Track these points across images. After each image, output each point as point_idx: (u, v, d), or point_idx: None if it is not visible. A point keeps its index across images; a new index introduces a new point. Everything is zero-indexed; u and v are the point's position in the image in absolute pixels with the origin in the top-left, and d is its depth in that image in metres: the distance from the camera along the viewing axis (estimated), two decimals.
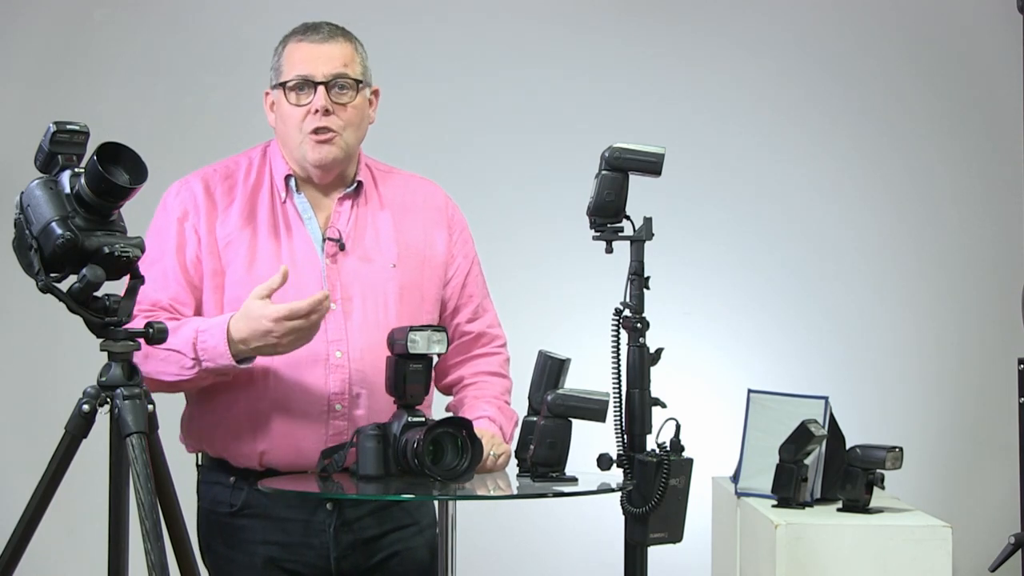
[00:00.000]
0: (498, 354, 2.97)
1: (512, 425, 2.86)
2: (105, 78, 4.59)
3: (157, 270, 2.75)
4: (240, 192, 2.84)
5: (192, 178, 2.86)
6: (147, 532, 2.31)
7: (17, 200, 2.42)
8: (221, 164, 2.89)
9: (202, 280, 2.78)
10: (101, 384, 2.42)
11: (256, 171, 2.87)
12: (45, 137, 2.41)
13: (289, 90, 2.80)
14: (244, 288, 2.73)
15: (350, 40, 2.84)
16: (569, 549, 4.55)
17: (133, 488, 2.35)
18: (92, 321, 2.41)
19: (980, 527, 4.24)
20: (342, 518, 2.80)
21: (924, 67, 4.74)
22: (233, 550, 2.82)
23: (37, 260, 2.37)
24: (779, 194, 4.72)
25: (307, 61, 2.79)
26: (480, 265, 2.99)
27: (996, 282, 4.60)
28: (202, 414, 2.82)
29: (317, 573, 2.81)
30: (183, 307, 2.77)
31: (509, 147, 4.64)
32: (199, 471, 2.88)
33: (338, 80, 2.79)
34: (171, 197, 2.85)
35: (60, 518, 2.65)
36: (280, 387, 2.74)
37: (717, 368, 4.61)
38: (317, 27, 2.83)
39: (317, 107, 2.77)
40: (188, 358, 2.66)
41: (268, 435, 2.75)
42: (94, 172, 2.34)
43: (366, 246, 2.84)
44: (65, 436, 2.44)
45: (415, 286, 2.84)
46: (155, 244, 2.77)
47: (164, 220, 2.83)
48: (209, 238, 2.79)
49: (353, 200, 2.87)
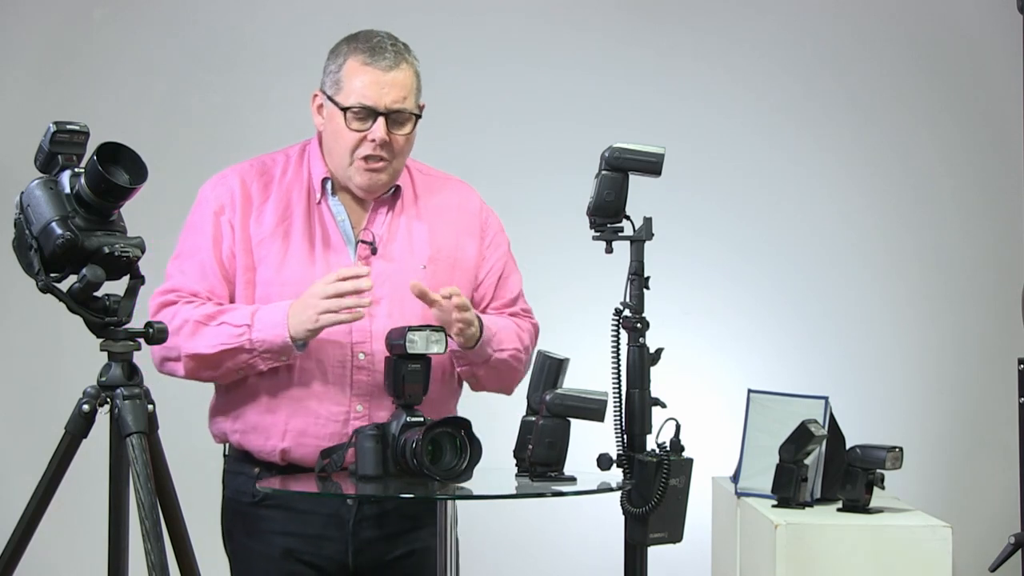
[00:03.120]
0: (527, 320, 2.97)
1: (509, 333, 2.85)
2: (105, 78, 4.59)
3: (194, 263, 2.79)
4: (275, 189, 2.84)
5: (229, 172, 2.87)
6: (147, 532, 2.31)
7: (17, 200, 2.43)
8: (257, 160, 2.90)
9: (235, 274, 2.80)
10: (101, 384, 2.42)
11: (293, 170, 2.87)
12: (45, 137, 2.41)
13: (350, 116, 2.77)
14: (273, 288, 2.77)
15: (410, 63, 2.82)
16: (569, 549, 4.55)
17: (133, 488, 2.35)
18: (92, 321, 2.42)
19: (980, 527, 4.24)
20: (362, 513, 2.81)
21: (924, 67, 4.74)
22: (253, 539, 2.84)
23: (37, 260, 2.38)
24: (779, 194, 4.72)
25: (371, 89, 2.76)
26: (518, 273, 2.99)
27: (996, 282, 4.60)
28: (227, 407, 2.84)
29: (334, 566, 2.82)
30: (219, 300, 2.79)
31: (508, 147, 4.64)
32: (225, 461, 2.91)
33: (398, 113, 2.78)
34: (208, 191, 2.86)
35: (60, 518, 2.65)
36: (303, 386, 2.76)
37: (717, 368, 4.61)
38: (382, 49, 2.78)
39: (375, 137, 2.76)
40: (243, 326, 2.69)
41: (289, 433, 2.77)
42: (94, 172, 2.35)
43: (398, 249, 2.85)
44: (65, 436, 2.44)
45: (445, 288, 2.83)
46: (191, 238, 2.82)
47: (201, 214, 2.84)
48: (243, 233, 2.80)
49: (390, 204, 2.88)
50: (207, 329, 2.72)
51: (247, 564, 2.87)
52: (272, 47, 4.64)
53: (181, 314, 2.74)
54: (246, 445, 2.82)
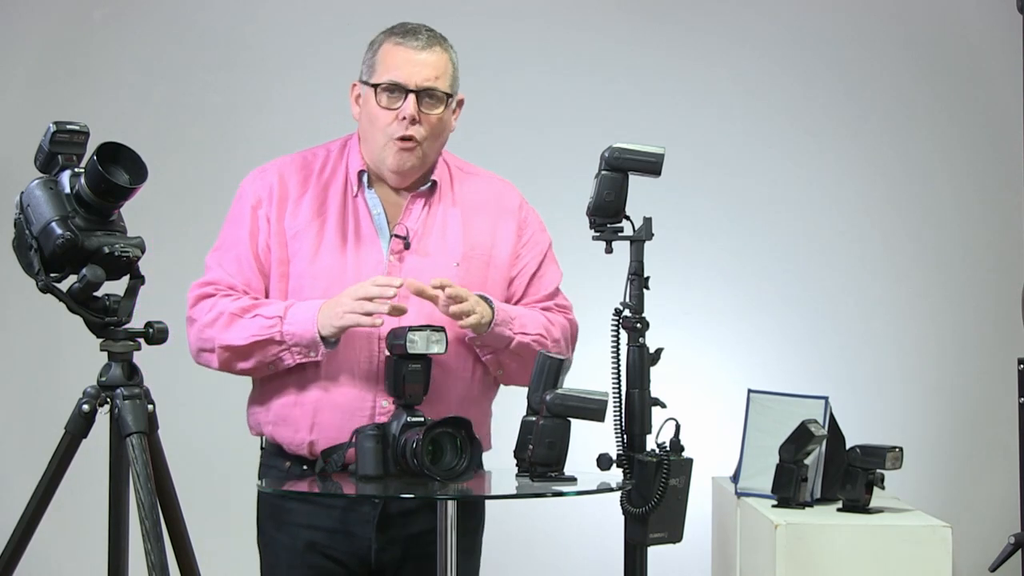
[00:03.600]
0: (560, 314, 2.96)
1: (534, 320, 2.83)
2: (105, 78, 4.59)
3: (232, 256, 2.84)
4: (313, 184, 2.88)
5: (269, 166, 2.91)
6: (147, 532, 2.31)
7: (17, 200, 2.43)
8: (299, 154, 2.93)
9: (270, 268, 2.84)
10: (101, 384, 2.43)
11: (332, 164, 2.90)
12: (45, 137, 2.41)
13: (380, 92, 2.81)
14: (306, 280, 2.81)
15: (445, 49, 2.87)
16: (569, 549, 4.55)
17: (133, 488, 2.35)
18: (92, 321, 2.42)
19: (980, 527, 4.24)
20: (387, 512, 2.82)
21: (924, 67, 4.73)
22: (280, 531, 2.87)
23: (37, 260, 2.38)
24: (779, 194, 4.72)
25: (402, 67, 2.81)
26: (557, 271, 2.98)
27: (996, 282, 4.60)
28: (260, 398, 2.88)
29: (355, 562, 2.84)
30: (256, 293, 2.84)
31: (508, 147, 4.64)
32: (261, 454, 2.94)
33: (429, 91, 2.82)
34: (247, 185, 2.91)
35: (60, 518, 2.66)
36: (331, 379, 2.79)
37: (717, 368, 4.61)
38: (416, 32, 2.84)
39: (405, 115, 2.80)
40: (275, 318, 2.74)
41: (317, 425, 2.79)
42: (94, 172, 2.35)
43: (431, 245, 2.86)
44: (65, 436, 2.44)
45: (477, 286, 2.84)
46: (230, 231, 2.87)
47: (239, 207, 2.89)
48: (278, 227, 2.84)
49: (426, 199, 2.89)
50: (241, 321, 2.76)
51: (274, 556, 2.90)
52: (272, 47, 4.64)
53: (218, 306, 2.79)
54: (277, 437, 2.85)
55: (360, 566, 2.84)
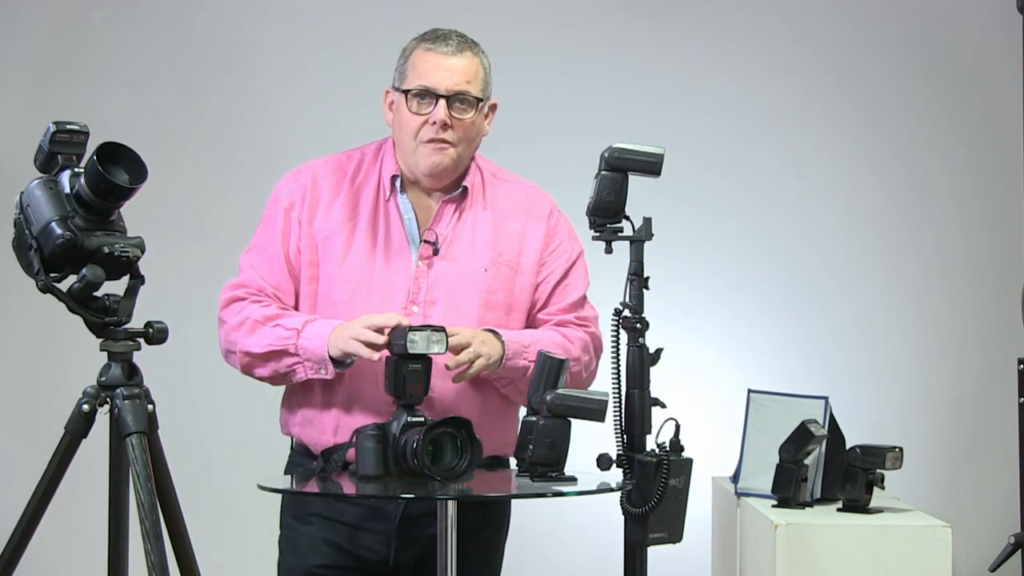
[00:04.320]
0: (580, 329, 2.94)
1: (548, 342, 2.81)
2: (105, 78, 4.59)
3: (264, 258, 2.87)
4: (346, 187, 2.89)
5: (304, 168, 2.93)
6: (147, 532, 2.31)
7: (17, 200, 2.43)
8: (334, 157, 2.95)
9: (300, 270, 2.86)
10: (101, 384, 2.43)
11: (366, 168, 2.92)
12: (45, 137, 2.41)
13: (411, 97, 2.83)
14: (334, 283, 2.83)
15: (476, 54, 2.89)
16: (569, 549, 4.55)
17: (133, 488, 2.35)
18: (92, 321, 2.42)
19: (980, 527, 4.24)
20: (409, 511, 2.84)
21: (924, 67, 4.73)
22: (302, 524, 2.89)
23: (37, 260, 2.38)
24: (779, 194, 4.72)
25: (432, 72, 2.83)
26: (584, 281, 2.96)
27: (996, 282, 4.59)
28: (289, 400, 2.91)
29: (375, 559, 2.86)
30: (285, 296, 2.86)
31: (508, 147, 4.62)
32: (290, 453, 2.96)
33: (460, 96, 2.83)
34: (282, 187, 2.92)
35: (60, 518, 2.66)
36: (355, 383, 2.80)
37: (717, 368, 4.61)
38: (447, 38, 2.87)
39: (436, 119, 2.81)
40: (293, 330, 2.76)
41: (341, 428, 2.81)
42: (94, 172, 2.35)
43: (460, 250, 2.87)
44: (65, 436, 2.44)
45: (504, 292, 2.86)
46: (264, 233, 2.90)
47: (274, 209, 2.91)
48: (309, 229, 2.86)
49: (457, 204, 2.90)
50: (263, 329, 2.79)
51: (294, 548, 2.91)
52: (272, 47, 4.64)
53: (245, 311, 2.82)
54: (303, 439, 2.88)
55: (379, 563, 2.86)
